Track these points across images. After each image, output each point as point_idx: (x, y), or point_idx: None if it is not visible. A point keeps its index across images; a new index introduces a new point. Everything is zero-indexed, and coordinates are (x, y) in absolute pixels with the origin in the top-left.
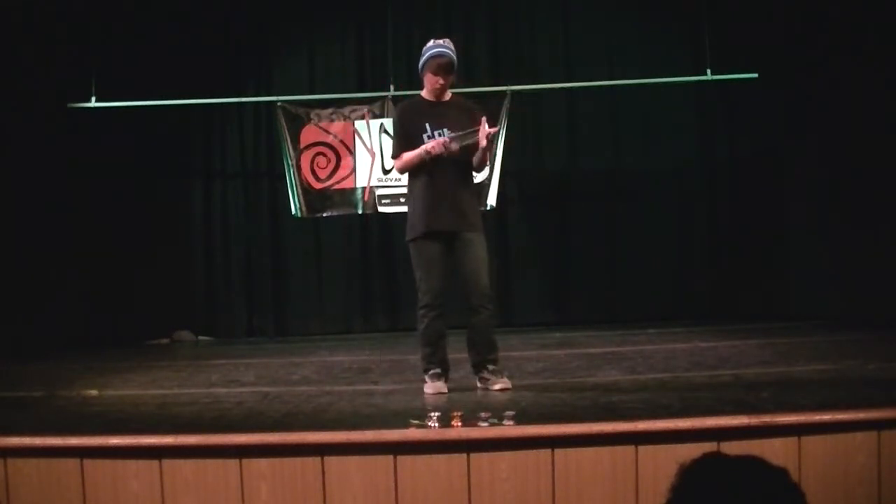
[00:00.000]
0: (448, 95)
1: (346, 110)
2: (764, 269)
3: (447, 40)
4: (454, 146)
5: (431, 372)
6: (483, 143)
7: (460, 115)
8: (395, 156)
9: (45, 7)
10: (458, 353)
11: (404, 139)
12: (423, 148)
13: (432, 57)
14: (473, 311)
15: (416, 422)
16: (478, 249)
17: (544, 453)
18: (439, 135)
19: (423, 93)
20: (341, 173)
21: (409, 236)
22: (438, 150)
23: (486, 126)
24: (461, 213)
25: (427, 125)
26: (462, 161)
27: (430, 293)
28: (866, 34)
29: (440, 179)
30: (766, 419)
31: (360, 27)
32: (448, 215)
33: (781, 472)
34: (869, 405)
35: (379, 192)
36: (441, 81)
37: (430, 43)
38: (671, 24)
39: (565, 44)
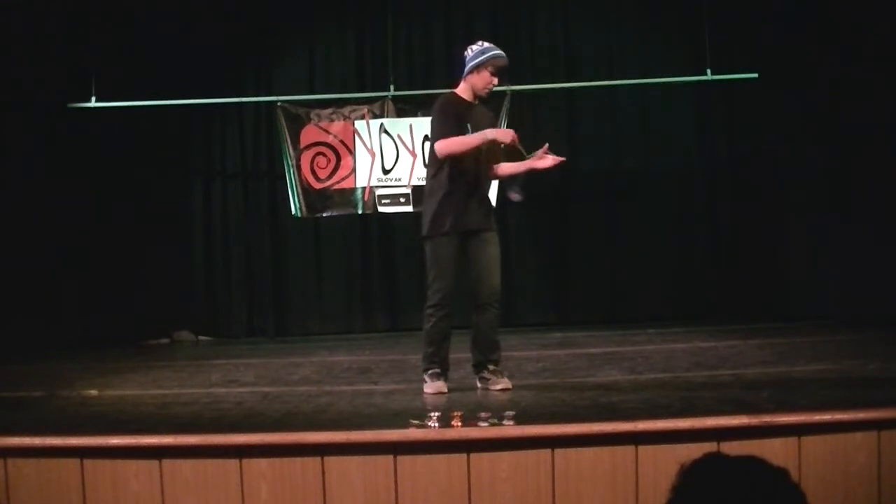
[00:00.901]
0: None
1: (346, 110)
2: (764, 269)
3: None
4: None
5: (431, 371)
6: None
7: (489, 123)
8: (442, 137)
9: (45, 7)
10: (459, 352)
11: (452, 127)
12: (490, 132)
13: (497, 56)
14: (480, 310)
15: (416, 422)
16: (494, 248)
17: (544, 453)
18: None
19: (460, 91)
20: (341, 173)
21: (427, 232)
22: (508, 139)
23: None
24: (487, 211)
25: (468, 125)
26: (490, 159)
27: (441, 292)
28: (866, 34)
29: (473, 177)
30: (766, 419)
31: (360, 27)
32: (476, 214)
33: (782, 473)
34: (869, 405)
35: (379, 192)
36: (496, 82)
37: (485, 44)
38: (671, 24)
39: (565, 44)
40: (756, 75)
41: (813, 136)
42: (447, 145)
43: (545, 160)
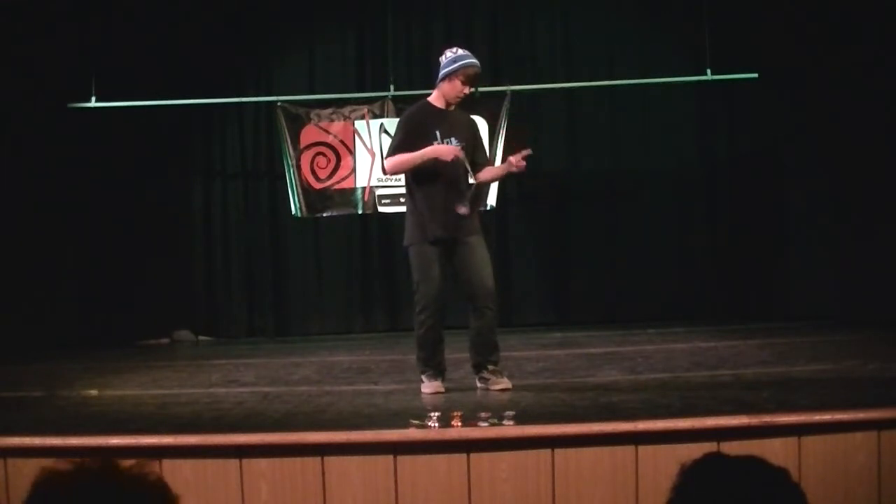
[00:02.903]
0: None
1: (346, 110)
2: (764, 268)
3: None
4: (462, 210)
5: (428, 373)
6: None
7: (466, 128)
8: (390, 154)
9: (45, 7)
10: (459, 353)
11: (408, 141)
12: (430, 150)
13: (468, 65)
14: (478, 313)
15: (416, 422)
16: (481, 251)
17: (544, 453)
18: (447, 143)
19: (433, 99)
20: (341, 173)
21: (408, 241)
22: (448, 158)
23: (514, 162)
24: (463, 219)
25: (437, 132)
26: (464, 168)
27: (426, 297)
28: (866, 34)
29: (445, 185)
30: (766, 419)
31: (360, 27)
32: (452, 222)
33: (783, 473)
34: (869, 405)
35: (379, 192)
36: (467, 91)
37: (459, 51)
38: (671, 24)
39: (565, 44)
40: (756, 75)
41: (813, 136)
42: (392, 165)
43: (516, 162)
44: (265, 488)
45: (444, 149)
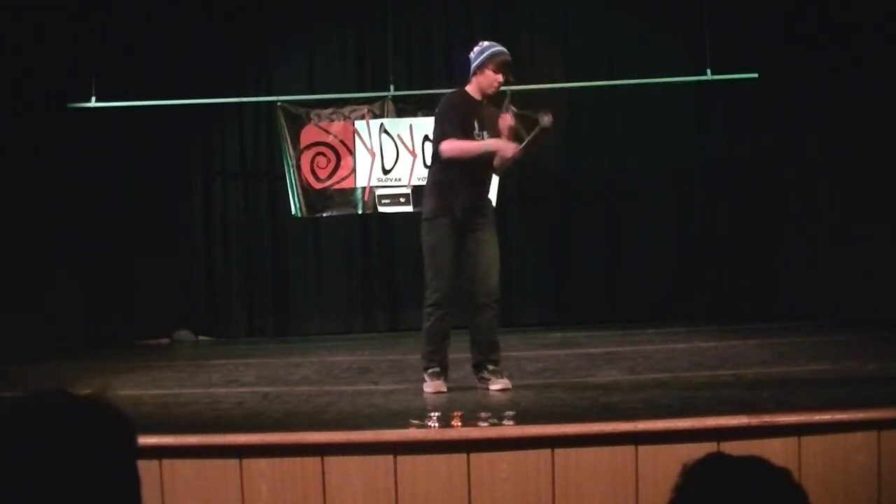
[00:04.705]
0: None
1: (346, 110)
2: (764, 268)
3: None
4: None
5: (431, 371)
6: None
7: (495, 120)
8: (447, 137)
9: (45, 7)
10: (459, 352)
11: (460, 126)
12: (494, 143)
13: (496, 53)
14: (478, 310)
15: (416, 422)
16: (492, 249)
17: (544, 453)
18: (486, 135)
19: (470, 89)
20: (341, 173)
21: (429, 214)
22: (510, 154)
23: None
24: (486, 203)
25: (476, 123)
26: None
27: (439, 292)
28: (866, 34)
29: (477, 171)
30: (766, 419)
31: (360, 27)
32: (476, 201)
33: (785, 473)
34: (869, 405)
35: (379, 192)
36: (501, 79)
37: (485, 43)
38: (671, 24)
39: (565, 44)
40: (756, 75)
41: (813, 136)
42: (451, 149)
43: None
44: (265, 488)
45: (507, 146)
